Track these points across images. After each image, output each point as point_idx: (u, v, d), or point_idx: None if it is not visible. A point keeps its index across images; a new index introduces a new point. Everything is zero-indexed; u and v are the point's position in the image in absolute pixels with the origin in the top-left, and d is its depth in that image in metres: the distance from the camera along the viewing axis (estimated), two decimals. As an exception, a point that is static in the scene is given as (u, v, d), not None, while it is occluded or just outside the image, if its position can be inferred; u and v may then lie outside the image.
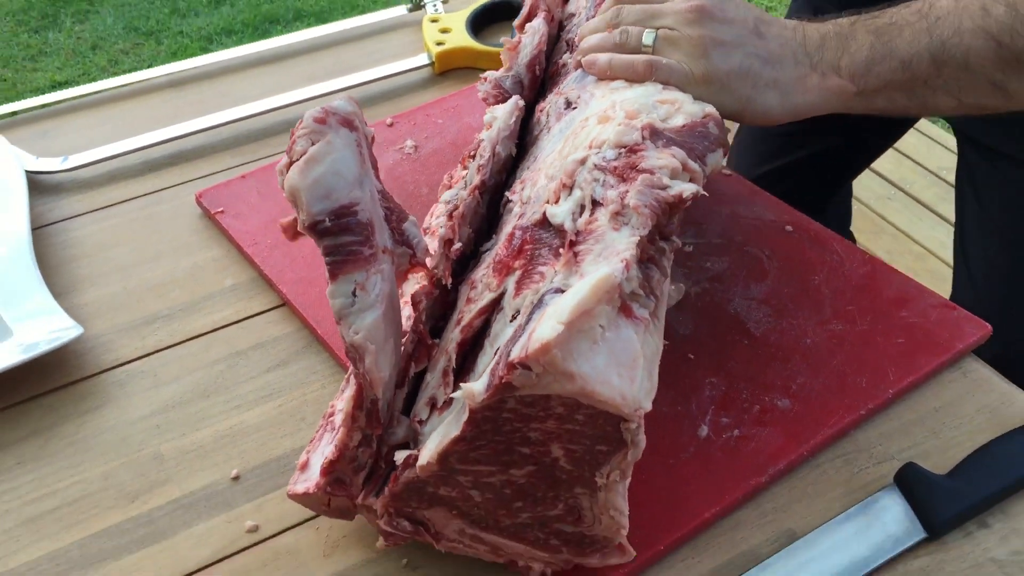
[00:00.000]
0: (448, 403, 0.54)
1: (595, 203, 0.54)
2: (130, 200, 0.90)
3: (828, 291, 0.74)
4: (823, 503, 0.62)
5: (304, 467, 0.59)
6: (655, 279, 0.52)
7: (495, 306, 0.54)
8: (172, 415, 0.70)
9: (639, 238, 0.51)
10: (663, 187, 0.53)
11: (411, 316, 0.59)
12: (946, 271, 1.05)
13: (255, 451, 0.67)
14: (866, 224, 2.00)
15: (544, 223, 0.55)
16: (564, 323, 0.45)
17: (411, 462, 0.53)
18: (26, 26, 3.04)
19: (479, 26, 1.09)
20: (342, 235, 0.51)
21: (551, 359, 0.46)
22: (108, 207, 0.89)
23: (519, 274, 0.54)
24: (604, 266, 0.49)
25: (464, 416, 0.50)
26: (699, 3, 0.68)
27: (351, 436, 0.54)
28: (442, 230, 0.59)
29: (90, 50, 2.93)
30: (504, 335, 0.52)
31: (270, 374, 0.73)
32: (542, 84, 0.77)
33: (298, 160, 0.50)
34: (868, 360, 0.68)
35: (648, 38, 0.69)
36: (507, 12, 1.10)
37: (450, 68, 1.06)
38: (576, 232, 0.53)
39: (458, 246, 0.60)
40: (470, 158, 0.67)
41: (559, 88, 0.71)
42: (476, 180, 0.61)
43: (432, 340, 0.58)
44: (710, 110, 0.62)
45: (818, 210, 1.09)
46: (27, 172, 0.89)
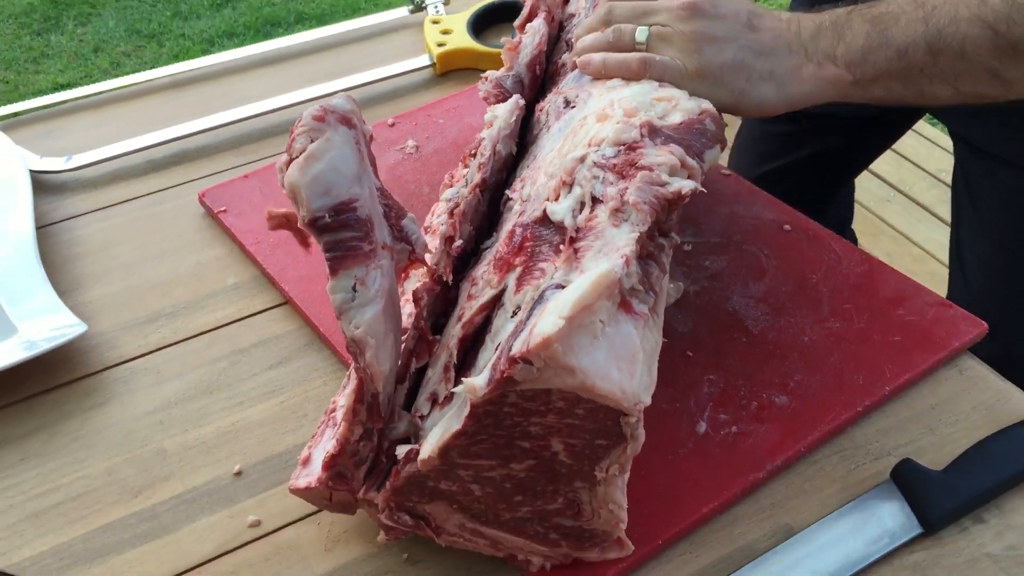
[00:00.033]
0: (449, 398, 0.55)
1: (595, 200, 0.54)
2: (133, 199, 0.91)
3: (826, 290, 0.74)
4: (820, 499, 0.62)
5: (306, 462, 0.59)
6: (654, 275, 0.52)
7: (496, 302, 0.55)
8: (175, 411, 0.71)
9: (638, 234, 0.51)
10: (662, 184, 0.53)
11: (412, 313, 0.59)
12: (945, 273, 1.06)
13: (257, 447, 0.68)
14: (866, 226, 2.01)
15: (544, 220, 0.55)
16: (565, 318, 0.46)
17: (412, 456, 0.54)
18: (28, 29, 3.05)
19: (480, 27, 1.10)
20: (342, 231, 0.52)
21: (552, 353, 0.46)
22: (111, 206, 0.90)
23: (520, 270, 0.54)
24: (604, 262, 0.50)
25: (465, 410, 0.50)
26: None
27: (352, 430, 0.55)
28: (443, 227, 0.60)
29: (92, 53, 2.94)
30: (505, 331, 0.52)
31: (272, 371, 0.73)
32: (542, 84, 0.78)
33: (298, 157, 0.51)
34: (865, 358, 0.69)
35: (641, 35, 0.69)
36: (508, 13, 1.11)
37: (451, 69, 1.06)
38: (576, 229, 0.53)
39: (459, 243, 0.60)
40: (471, 157, 0.67)
41: (558, 87, 0.72)
42: (477, 178, 0.62)
43: (433, 336, 0.59)
44: (706, 106, 0.63)
45: (819, 210, 1.09)
46: (31, 172, 0.90)
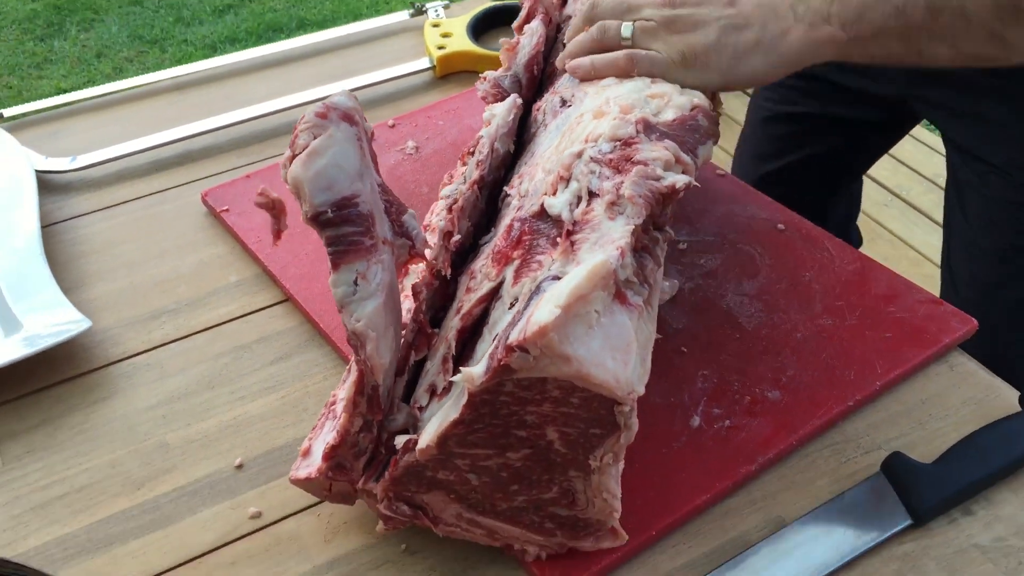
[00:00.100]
0: (447, 389, 0.56)
1: (591, 194, 0.56)
2: (137, 199, 0.92)
3: (818, 287, 0.75)
4: (811, 491, 0.63)
5: (306, 453, 0.60)
6: (649, 268, 0.54)
7: (494, 295, 0.56)
8: (177, 406, 0.72)
9: (634, 227, 0.53)
10: (657, 178, 0.54)
11: (412, 307, 0.60)
12: (942, 276, 1.08)
13: (258, 440, 0.69)
14: (863, 230, 2.01)
15: (542, 214, 0.57)
16: (561, 307, 0.47)
17: (411, 446, 0.55)
18: (32, 34, 3.07)
19: (480, 31, 1.11)
20: (344, 226, 0.53)
21: (548, 342, 0.47)
22: (115, 206, 0.91)
23: (517, 263, 0.55)
24: (600, 254, 0.51)
25: (463, 400, 0.51)
26: None
27: (352, 422, 0.56)
28: (441, 223, 0.61)
29: (95, 58, 2.95)
30: (503, 322, 0.54)
31: (273, 367, 0.74)
32: (540, 84, 0.79)
33: (300, 153, 0.52)
34: (856, 353, 0.70)
35: (626, 31, 0.70)
36: (507, 17, 1.12)
37: (451, 72, 1.08)
38: (573, 222, 0.54)
39: (457, 238, 0.61)
40: (469, 154, 0.68)
41: (555, 87, 0.73)
42: (475, 175, 0.63)
43: (432, 329, 0.60)
44: (698, 102, 0.64)
45: (821, 210, 1.10)
46: (37, 172, 0.91)
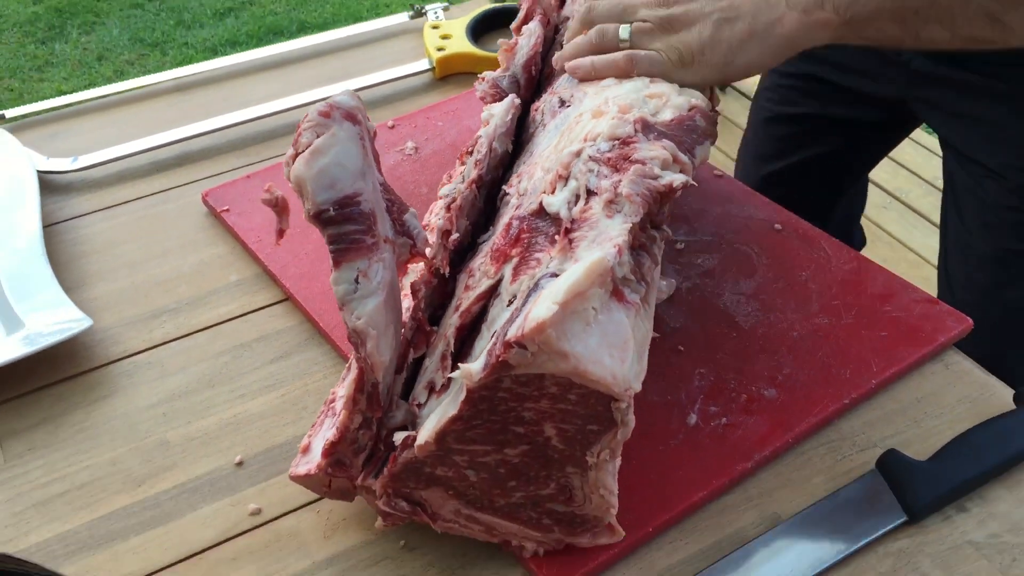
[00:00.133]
0: (446, 386, 0.56)
1: (589, 192, 0.56)
2: (138, 199, 0.93)
3: (815, 286, 0.76)
4: (807, 488, 0.64)
5: (306, 450, 0.61)
6: (646, 266, 0.54)
7: (492, 292, 0.57)
8: (178, 404, 0.72)
9: (631, 225, 0.53)
10: (654, 177, 0.55)
11: (411, 306, 0.61)
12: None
13: (258, 438, 0.69)
14: (862, 232, 2.03)
15: (541, 212, 0.57)
16: (559, 303, 0.48)
17: (409, 442, 0.55)
18: (33, 37, 3.08)
19: (479, 32, 1.12)
20: (345, 224, 0.53)
21: (546, 338, 0.48)
22: (117, 206, 0.92)
23: (516, 261, 0.56)
24: (598, 251, 0.51)
25: (461, 396, 0.52)
26: None
27: (352, 418, 0.56)
28: (440, 222, 0.62)
29: (96, 61, 2.96)
30: (501, 319, 0.54)
31: (273, 365, 0.75)
32: (538, 84, 0.80)
33: (304, 152, 0.53)
34: (852, 352, 0.70)
35: (624, 32, 0.71)
36: (506, 19, 1.13)
37: (450, 73, 1.08)
38: (571, 220, 0.55)
39: (455, 236, 0.62)
40: (467, 154, 0.69)
41: (553, 87, 0.74)
42: (473, 174, 0.64)
43: (430, 327, 0.60)
44: (695, 102, 0.64)
45: (823, 212, 1.09)
46: (38, 172, 0.92)
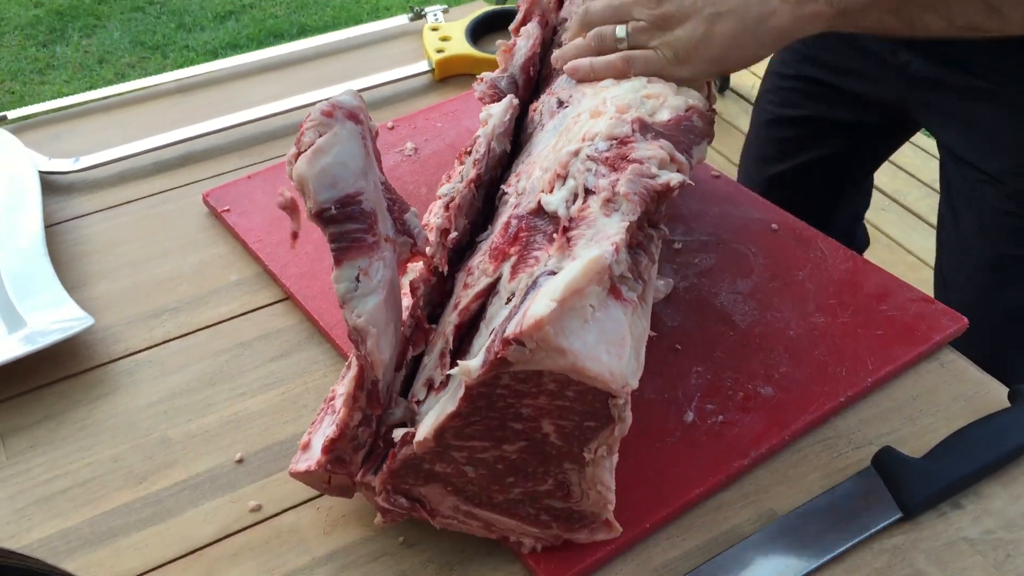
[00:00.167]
0: (445, 383, 0.57)
1: (587, 191, 0.57)
2: (139, 199, 0.93)
3: (811, 286, 0.76)
4: (803, 485, 0.64)
5: (306, 447, 0.61)
6: (643, 264, 0.55)
7: (491, 290, 0.57)
8: (179, 402, 0.73)
9: (628, 223, 0.54)
10: (652, 176, 0.56)
11: (410, 304, 0.61)
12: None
13: (258, 436, 0.70)
14: (860, 235, 2.03)
15: (539, 211, 0.58)
16: (557, 300, 0.48)
17: (408, 439, 0.56)
18: (34, 40, 3.08)
19: (478, 34, 1.12)
20: (347, 223, 0.54)
21: (544, 335, 0.48)
22: (118, 206, 0.92)
23: (514, 259, 0.56)
24: (595, 249, 0.52)
25: (460, 393, 0.52)
26: None
27: (352, 416, 0.57)
28: (439, 220, 0.62)
29: (97, 64, 2.97)
30: (499, 317, 0.54)
31: (273, 364, 0.75)
32: (536, 85, 0.80)
33: (306, 151, 0.53)
34: (848, 350, 0.71)
35: (620, 32, 0.71)
36: (506, 21, 1.13)
37: (449, 75, 1.09)
38: (569, 218, 0.55)
39: (454, 235, 0.62)
40: (466, 154, 0.69)
41: (551, 88, 0.74)
42: (472, 173, 0.64)
43: (429, 325, 0.61)
44: (693, 102, 0.65)
45: (827, 214, 1.08)
46: (40, 172, 0.92)
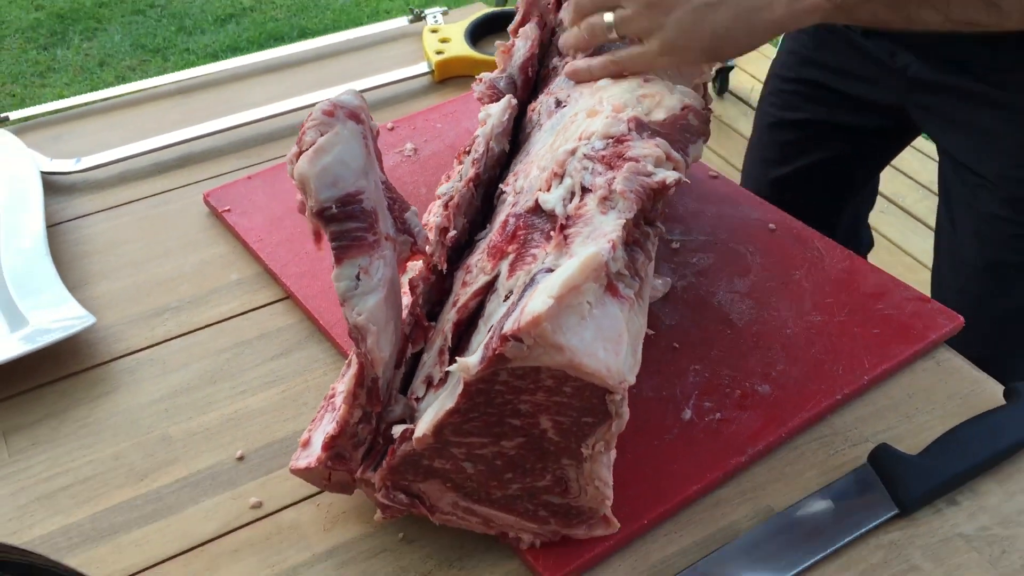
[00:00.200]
0: (444, 380, 0.57)
1: (584, 189, 0.57)
2: (140, 200, 0.94)
3: (808, 285, 0.77)
4: (800, 482, 0.65)
5: (306, 444, 0.62)
6: (640, 261, 0.55)
7: (489, 288, 0.58)
8: (180, 400, 0.73)
9: (625, 221, 0.54)
10: (648, 174, 0.56)
11: (409, 302, 0.62)
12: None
13: (259, 433, 0.70)
14: (858, 237, 2.04)
15: (536, 209, 0.58)
16: (554, 297, 0.49)
17: (408, 435, 0.56)
18: (35, 43, 3.09)
19: (477, 36, 1.13)
20: (347, 221, 0.54)
21: (542, 331, 0.49)
22: (119, 206, 0.93)
23: (512, 257, 0.57)
24: (592, 246, 0.52)
25: (459, 389, 0.53)
26: None
27: (352, 413, 0.57)
28: (438, 219, 0.63)
29: (98, 67, 2.98)
30: (498, 314, 0.55)
31: (274, 362, 0.76)
32: (534, 86, 0.81)
33: (307, 150, 0.54)
34: (845, 349, 0.71)
35: (609, 19, 0.71)
36: (505, 23, 1.14)
37: (449, 76, 1.09)
38: (566, 216, 0.56)
39: (453, 234, 0.63)
40: (465, 153, 0.70)
41: (549, 88, 0.75)
42: (471, 172, 0.65)
43: (428, 323, 0.61)
44: (688, 101, 0.65)
45: (829, 218, 1.08)
46: (42, 173, 0.93)
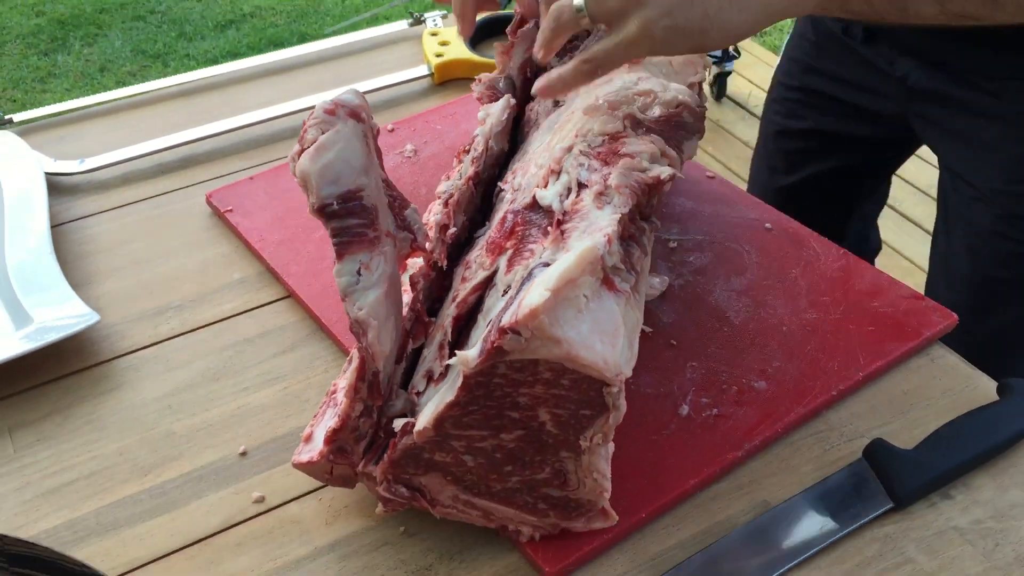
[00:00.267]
0: (444, 374, 0.58)
1: (580, 185, 0.58)
2: (143, 200, 0.95)
3: (804, 283, 0.78)
4: (796, 477, 0.65)
5: (308, 439, 0.63)
6: (636, 256, 0.56)
7: (488, 283, 0.59)
8: (183, 397, 0.74)
9: (621, 216, 0.55)
10: (643, 169, 0.57)
11: (410, 298, 0.63)
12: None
13: (261, 429, 0.71)
14: (856, 240, 2.05)
15: (534, 206, 0.59)
16: (551, 290, 0.49)
17: (409, 429, 0.57)
18: (36, 49, 3.11)
19: (477, 39, 1.14)
20: (348, 218, 0.55)
21: (539, 324, 0.50)
22: (123, 206, 0.94)
23: (510, 252, 0.58)
24: (588, 240, 0.53)
25: (459, 382, 0.54)
26: None
27: (354, 406, 0.58)
28: (438, 216, 0.64)
29: (98, 72, 2.99)
30: (496, 308, 0.56)
31: (276, 359, 0.77)
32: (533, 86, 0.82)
33: (309, 147, 0.55)
34: (840, 346, 0.72)
35: (578, 1, 0.62)
36: (504, 26, 1.14)
37: (449, 79, 1.11)
38: (563, 212, 0.57)
39: (453, 231, 0.64)
40: (464, 153, 0.71)
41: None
42: (470, 171, 0.66)
43: (429, 319, 0.62)
44: (683, 99, 0.66)
45: (838, 227, 1.08)
46: (46, 174, 0.94)
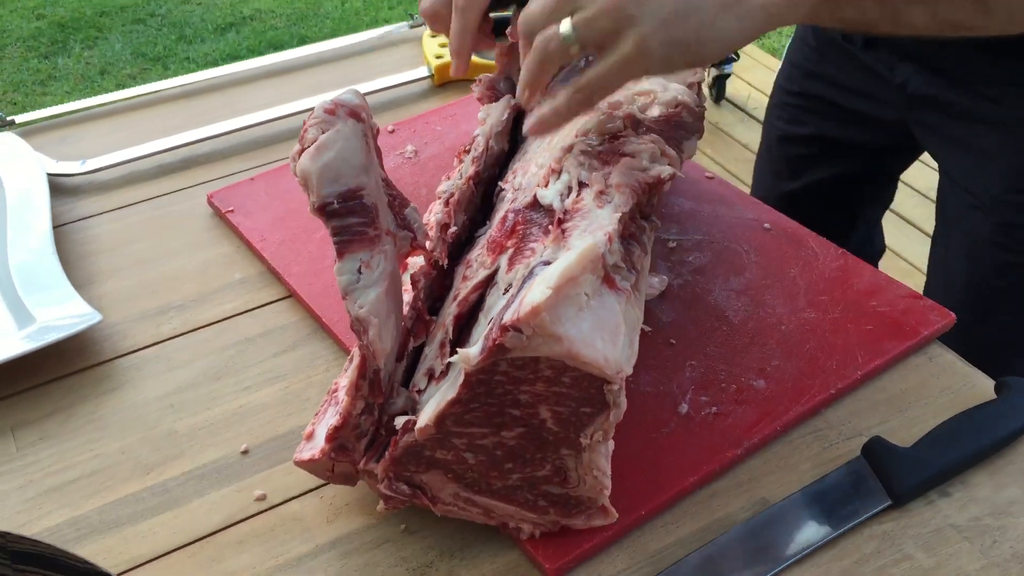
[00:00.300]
0: (445, 372, 0.58)
1: (581, 184, 0.59)
2: (145, 201, 0.95)
3: (803, 283, 0.78)
4: (795, 474, 0.66)
5: (310, 437, 0.63)
6: (636, 254, 0.56)
7: (489, 281, 0.59)
8: (185, 396, 0.74)
9: (621, 214, 0.56)
10: (643, 169, 0.58)
11: (411, 297, 0.63)
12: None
13: (263, 428, 0.71)
14: (854, 243, 2.05)
15: (535, 205, 0.60)
16: (552, 288, 0.50)
17: (410, 426, 0.57)
18: (36, 52, 3.11)
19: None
20: (349, 216, 0.56)
21: (540, 322, 0.50)
22: (124, 207, 0.94)
23: (512, 251, 0.58)
24: (589, 239, 0.54)
25: (460, 380, 0.54)
26: None
27: (355, 404, 0.58)
28: (439, 215, 0.64)
29: (98, 75, 3.00)
30: (497, 307, 0.56)
31: (277, 359, 0.77)
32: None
33: (309, 147, 0.55)
34: (839, 345, 0.72)
35: (565, 28, 0.58)
36: (503, 28, 1.15)
37: (448, 80, 1.11)
38: (564, 211, 0.57)
39: (454, 230, 0.64)
40: (465, 152, 0.71)
41: (548, 88, 0.76)
42: (471, 170, 0.66)
43: (430, 317, 0.63)
44: (682, 99, 0.67)
45: (844, 233, 1.07)
46: (48, 175, 0.94)
